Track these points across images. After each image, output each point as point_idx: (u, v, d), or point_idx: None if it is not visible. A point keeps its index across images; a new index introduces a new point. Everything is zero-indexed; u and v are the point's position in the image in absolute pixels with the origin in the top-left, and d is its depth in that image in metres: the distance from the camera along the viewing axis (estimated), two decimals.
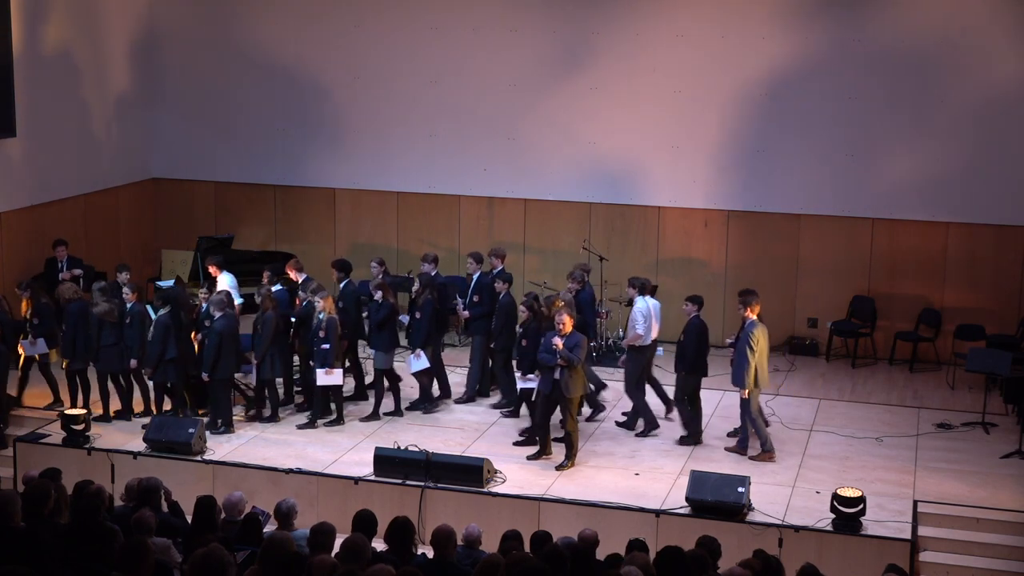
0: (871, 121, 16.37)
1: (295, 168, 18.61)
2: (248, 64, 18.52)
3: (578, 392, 12.86)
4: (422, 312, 14.30)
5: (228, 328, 13.67)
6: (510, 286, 14.56)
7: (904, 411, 14.77)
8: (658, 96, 17.05)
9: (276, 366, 14.01)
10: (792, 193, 16.83)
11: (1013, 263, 16.19)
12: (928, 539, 11.72)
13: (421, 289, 14.43)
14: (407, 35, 17.83)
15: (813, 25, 16.42)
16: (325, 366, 13.69)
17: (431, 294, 14.42)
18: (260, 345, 13.85)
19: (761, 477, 12.44)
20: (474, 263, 14.99)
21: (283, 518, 9.25)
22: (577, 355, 12.59)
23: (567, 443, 12.98)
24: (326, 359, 13.68)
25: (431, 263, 14.90)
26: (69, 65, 17.26)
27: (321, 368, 13.71)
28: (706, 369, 13.77)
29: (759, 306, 13.24)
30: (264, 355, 13.85)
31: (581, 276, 14.61)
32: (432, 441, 13.42)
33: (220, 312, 13.65)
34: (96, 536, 7.50)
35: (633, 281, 14.26)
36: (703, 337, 13.65)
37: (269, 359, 13.90)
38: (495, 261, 14.94)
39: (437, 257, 15.12)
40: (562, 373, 12.66)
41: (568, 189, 17.58)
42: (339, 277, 14.96)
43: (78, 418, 13.42)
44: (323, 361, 13.70)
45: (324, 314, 13.68)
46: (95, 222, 17.91)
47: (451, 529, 8.31)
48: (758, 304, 13.23)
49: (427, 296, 14.36)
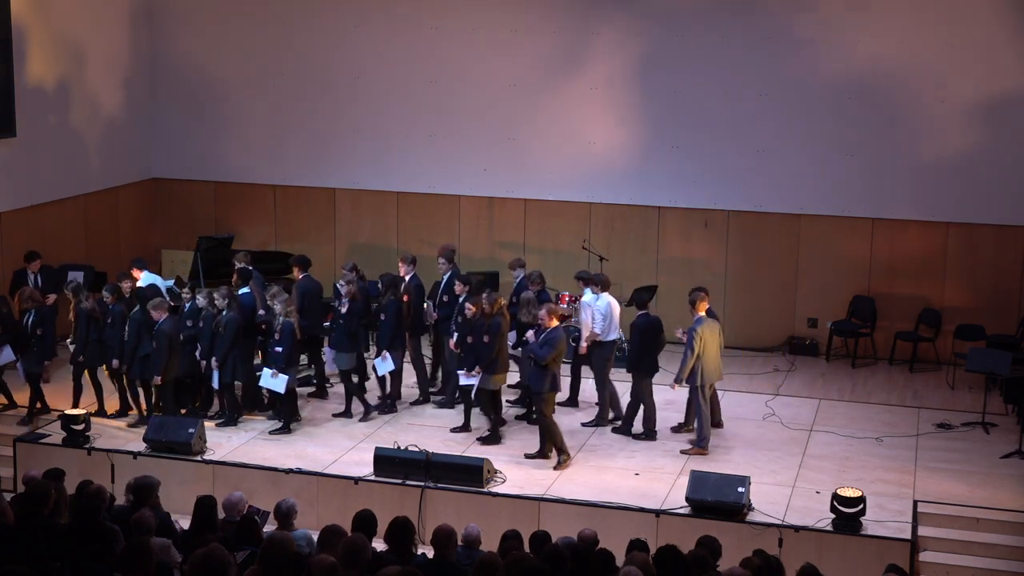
0: (871, 121, 16.37)
1: (295, 168, 18.61)
2: (248, 64, 18.52)
3: (548, 388, 12.85)
4: (386, 314, 14.17)
5: (174, 329, 13.63)
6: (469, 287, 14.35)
7: (904, 411, 14.77)
8: (658, 96, 17.06)
9: (237, 370, 13.81)
10: (792, 193, 16.83)
11: (1013, 263, 16.19)
12: (928, 539, 11.72)
13: (384, 290, 14.30)
14: (407, 35, 17.83)
15: (813, 25, 16.42)
16: (275, 367, 13.54)
17: (394, 295, 14.30)
18: (220, 348, 13.70)
19: (761, 477, 12.44)
20: (445, 263, 14.93)
21: (283, 518, 9.25)
22: (545, 352, 12.66)
23: (549, 438, 13.02)
24: (277, 361, 13.55)
25: (410, 264, 14.78)
26: (69, 65, 17.26)
27: (269, 369, 13.59)
28: (655, 367, 13.79)
29: (707, 302, 13.37)
30: (225, 358, 13.70)
31: (539, 277, 14.61)
32: (432, 441, 13.42)
33: (163, 314, 13.58)
34: (96, 536, 7.50)
35: (597, 278, 14.38)
36: (647, 336, 13.66)
37: (230, 362, 13.72)
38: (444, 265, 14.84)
39: (415, 259, 14.96)
40: (532, 368, 12.85)
41: (568, 189, 17.59)
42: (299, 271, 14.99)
43: (78, 418, 13.42)
44: (274, 363, 13.55)
45: (282, 317, 13.56)
46: (95, 222, 17.91)
47: (452, 529, 8.31)
48: (706, 300, 13.35)
49: (390, 297, 14.24)
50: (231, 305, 13.74)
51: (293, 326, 13.59)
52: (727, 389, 15.47)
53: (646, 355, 13.66)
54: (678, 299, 17.23)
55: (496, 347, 13.35)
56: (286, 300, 13.65)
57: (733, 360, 16.68)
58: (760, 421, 14.46)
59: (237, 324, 13.70)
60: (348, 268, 14.89)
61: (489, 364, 13.36)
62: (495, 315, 13.39)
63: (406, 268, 14.74)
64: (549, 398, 12.90)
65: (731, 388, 15.56)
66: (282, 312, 13.56)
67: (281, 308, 13.57)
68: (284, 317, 13.55)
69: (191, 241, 17.67)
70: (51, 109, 16.97)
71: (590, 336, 14.05)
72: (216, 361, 13.68)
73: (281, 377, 13.51)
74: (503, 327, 13.48)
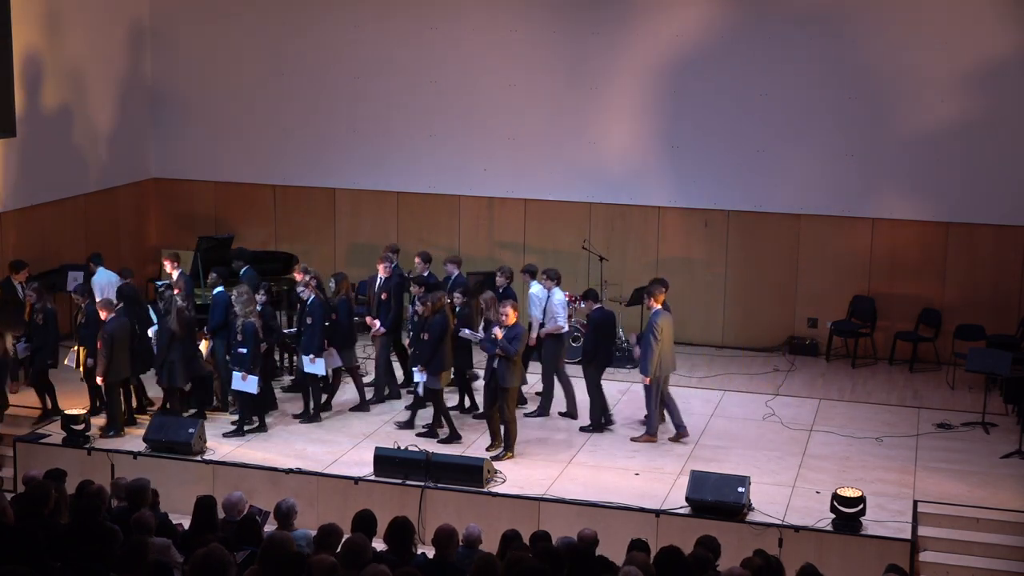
0: (871, 121, 16.37)
1: (295, 168, 18.62)
2: (248, 64, 18.53)
3: (515, 383, 13.04)
4: (312, 316, 13.94)
5: (120, 329, 13.55)
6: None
7: (904, 411, 14.77)
8: (658, 96, 17.06)
9: (175, 372, 13.64)
10: (792, 193, 16.84)
11: (1013, 263, 16.19)
12: (928, 539, 11.72)
13: (337, 290, 14.20)
14: (407, 35, 17.83)
15: (813, 26, 16.42)
16: (241, 370, 13.50)
17: (347, 295, 14.21)
18: (159, 350, 13.66)
19: (761, 477, 12.44)
20: (422, 263, 14.95)
21: (283, 518, 9.24)
22: (515, 347, 12.78)
23: (505, 433, 13.13)
24: (242, 363, 13.51)
25: (389, 261, 14.73)
26: (69, 65, 17.26)
27: (237, 372, 13.55)
28: (609, 360, 14.10)
29: (663, 295, 13.58)
30: (162, 361, 13.61)
31: (509, 271, 14.70)
32: (432, 441, 13.42)
33: (111, 313, 13.52)
34: (96, 536, 7.51)
35: (550, 273, 14.56)
36: (601, 330, 13.84)
37: (168, 365, 13.59)
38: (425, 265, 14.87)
39: (391, 256, 14.87)
40: (499, 363, 12.85)
41: (568, 189, 17.59)
42: (238, 265, 14.98)
43: (78, 418, 13.42)
44: (239, 365, 13.52)
45: (242, 319, 13.48)
46: (95, 222, 17.91)
47: (453, 529, 8.31)
48: (663, 294, 13.60)
49: (342, 297, 14.15)
50: (168, 309, 13.66)
51: (255, 327, 13.49)
52: (727, 389, 15.51)
53: (601, 348, 13.86)
54: (678, 299, 17.25)
55: (436, 345, 13.38)
56: (246, 301, 13.54)
57: (733, 360, 16.72)
58: (760, 421, 14.46)
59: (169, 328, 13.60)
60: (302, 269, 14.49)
61: (433, 362, 13.40)
62: (436, 313, 13.45)
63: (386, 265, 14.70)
64: (514, 392, 13.10)
65: (731, 388, 15.58)
66: (243, 314, 13.48)
67: (241, 310, 13.48)
68: (244, 319, 13.48)
69: (191, 241, 17.66)
70: (51, 109, 16.97)
71: (553, 329, 14.27)
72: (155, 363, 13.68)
73: (251, 379, 13.47)
74: (445, 325, 13.51)
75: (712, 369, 16.36)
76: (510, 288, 14.56)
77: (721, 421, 14.41)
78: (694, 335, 17.32)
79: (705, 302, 17.32)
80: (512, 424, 13.13)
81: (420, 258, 15.05)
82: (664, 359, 13.46)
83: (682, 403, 14.92)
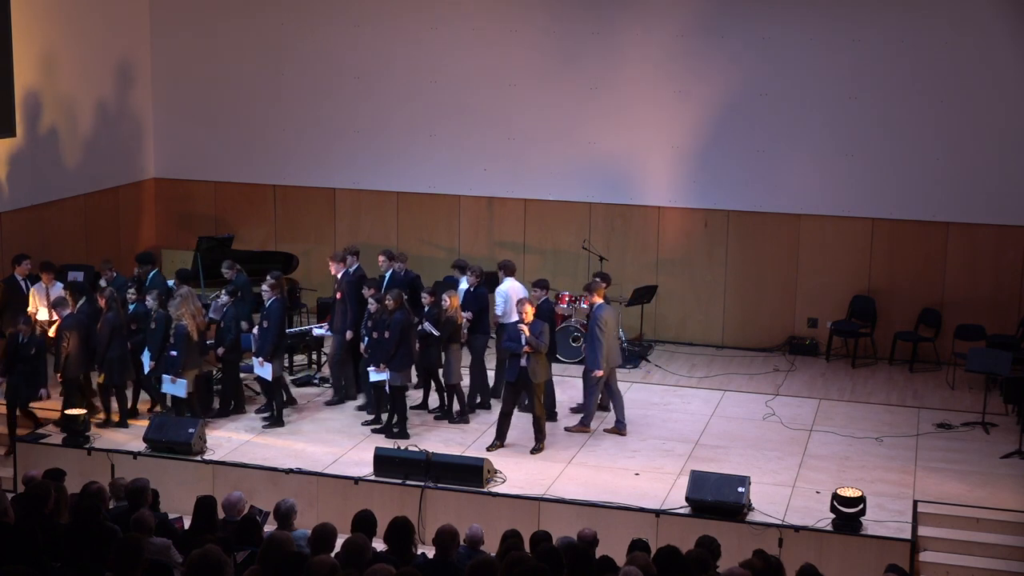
0: (871, 121, 16.37)
1: (295, 168, 18.62)
2: (248, 64, 18.53)
3: (543, 377, 13.20)
4: (269, 320, 13.87)
5: (73, 326, 13.58)
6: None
7: (904, 411, 14.77)
8: (658, 96, 17.06)
9: (113, 371, 13.65)
10: (792, 193, 16.83)
11: (1013, 263, 16.19)
12: (928, 539, 11.71)
13: (270, 292, 14.02)
14: (407, 35, 17.83)
15: (811, 24, 16.42)
16: (170, 373, 13.45)
17: (280, 295, 14.06)
18: (98, 347, 13.66)
19: (761, 477, 12.44)
20: (386, 260, 14.90)
21: (283, 518, 9.25)
22: (543, 341, 12.96)
23: (536, 427, 13.25)
24: (172, 365, 13.43)
25: (339, 261, 14.66)
26: (69, 65, 17.26)
27: (167, 375, 13.50)
28: (554, 350, 14.29)
29: (604, 290, 13.85)
30: (103, 358, 13.63)
31: (479, 270, 14.68)
32: (432, 441, 13.42)
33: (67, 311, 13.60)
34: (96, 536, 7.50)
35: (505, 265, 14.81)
36: (546, 319, 13.94)
37: (109, 363, 13.61)
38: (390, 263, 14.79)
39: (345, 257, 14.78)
40: (528, 360, 12.96)
41: (568, 189, 17.59)
42: (144, 270, 14.94)
43: (78, 418, 13.41)
44: (168, 368, 13.46)
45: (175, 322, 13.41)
46: (95, 222, 17.91)
47: (455, 529, 8.31)
48: (603, 288, 13.85)
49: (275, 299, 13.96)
50: (111, 306, 13.68)
51: (186, 330, 13.40)
52: (727, 389, 15.50)
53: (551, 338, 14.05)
54: (678, 299, 17.32)
55: (399, 342, 13.45)
56: (179, 303, 13.47)
57: (733, 360, 16.72)
58: (760, 421, 14.45)
59: (112, 325, 13.62)
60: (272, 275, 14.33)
61: (396, 359, 13.46)
62: (396, 311, 13.50)
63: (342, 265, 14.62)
64: (542, 387, 13.23)
65: (731, 388, 15.57)
66: (175, 316, 13.42)
67: (174, 312, 13.43)
68: (176, 321, 13.43)
69: (191, 241, 17.67)
70: (51, 109, 16.97)
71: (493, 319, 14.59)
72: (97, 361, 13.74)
73: (180, 382, 13.45)
74: (407, 322, 13.56)
75: (712, 369, 16.36)
76: (481, 288, 14.56)
77: (721, 421, 14.41)
78: (694, 335, 17.34)
79: (705, 302, 17.32)
80: (543, 418, 13.28)
81: (384, 256, 14.91)
82: (610, 353, 13.68)
83: (682, 403, 14.99)
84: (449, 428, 14.03)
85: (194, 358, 13.54)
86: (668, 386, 15.64)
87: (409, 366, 13.77)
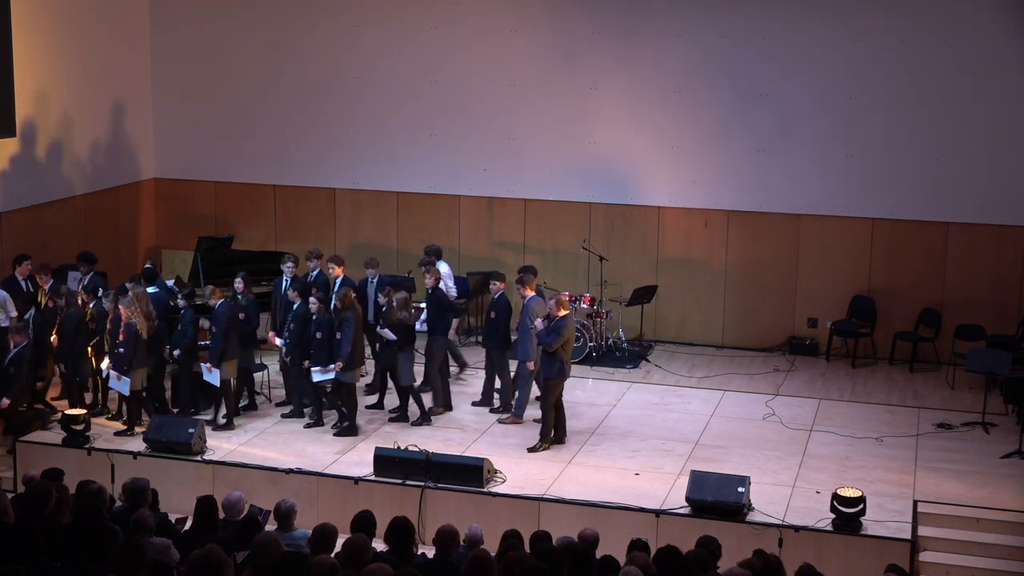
0: (871, 121, 16.37)
1: (295, 168, 18.61)
2: (248, 64, 18.53)
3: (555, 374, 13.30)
4: (216, 324, 13.77)
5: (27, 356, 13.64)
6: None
7: (904, 411, 14.77)
8: (658, 96, 17.06)
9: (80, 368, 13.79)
10: (792, 193, 16.83)
11: (1013, 263, 16.19)
12: (928, 539, 11.71)
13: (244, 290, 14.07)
14: (407, 35, 17.83)
15: (811, 24, 16.43)
16: (117, 370, 13.48)
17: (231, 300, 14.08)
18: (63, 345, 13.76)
19: (761, 477, 12.44)
20: (315, 260, 14.99)
21: (283, 518, 9.25)
22: (552, 339, 13.05)
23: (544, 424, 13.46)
24: (119, 363, 13.45)
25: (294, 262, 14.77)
26: (69, 65, 17.26)
27: (113, 371, 13.55)
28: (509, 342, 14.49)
29: (535, 282, 14.26)
30: (67, 356, 13.76)
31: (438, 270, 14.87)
32: (432, 441, 13.42)
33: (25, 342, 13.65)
34: (96, 536, 7.50)
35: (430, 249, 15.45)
36: (505, 313, 14.27)
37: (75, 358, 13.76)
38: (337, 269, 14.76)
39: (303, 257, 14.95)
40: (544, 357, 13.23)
41: (568, 189, 17.59)
42: (84, 270, 14.93)
43: (78, 418, 13.42)
44: (115, 365, 13.50)
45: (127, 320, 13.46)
46: (95, 222, 17.90)
47: (455, 529, 8.31)
48: (534, 281, 14.24)
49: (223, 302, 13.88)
50: (69, 302, 13.82)
51: (136, 328, 13.41)
52: (727, 389, 15.50)
53: (506, 330, 14.30)
54: (678, 299, 17.32)
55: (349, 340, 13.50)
56: (131, 301, 13.47)
57: (733, 360, 16.72)
58: (760, 421, 14.45)
59: (74, 321, 13.77)
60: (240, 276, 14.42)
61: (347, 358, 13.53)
62: (346, 310, 13.55)
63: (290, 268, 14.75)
64: (555, 384, 13.27)
65: (731, 388, 15.57)
66: (124, 315, 13.44)
67: (124, 310, 13.43)
68: (127, 320, 13.44)
69: (191, 241, 17.66)
70: (51, 109, 16.97)
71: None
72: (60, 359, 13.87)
73: (124, 380, 13.48)
74: (355, 321, 13.60)
75: (712, 369, 16.36)
76: (440, 290, 14.54)
77: (721, 421, 14.42)
78: (694, 335, 17.34)
79: (705, 302, 17.32)
80: (549, 414, 13.38)
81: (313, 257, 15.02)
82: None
83: (682, 403, 15.00)
84: (449, 428, 14.03)
85: (142, 357, 13.56)
86: (668, 386, 15.65)
87: (360, 364, 13.98)
